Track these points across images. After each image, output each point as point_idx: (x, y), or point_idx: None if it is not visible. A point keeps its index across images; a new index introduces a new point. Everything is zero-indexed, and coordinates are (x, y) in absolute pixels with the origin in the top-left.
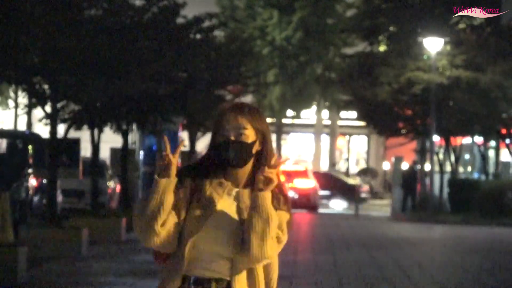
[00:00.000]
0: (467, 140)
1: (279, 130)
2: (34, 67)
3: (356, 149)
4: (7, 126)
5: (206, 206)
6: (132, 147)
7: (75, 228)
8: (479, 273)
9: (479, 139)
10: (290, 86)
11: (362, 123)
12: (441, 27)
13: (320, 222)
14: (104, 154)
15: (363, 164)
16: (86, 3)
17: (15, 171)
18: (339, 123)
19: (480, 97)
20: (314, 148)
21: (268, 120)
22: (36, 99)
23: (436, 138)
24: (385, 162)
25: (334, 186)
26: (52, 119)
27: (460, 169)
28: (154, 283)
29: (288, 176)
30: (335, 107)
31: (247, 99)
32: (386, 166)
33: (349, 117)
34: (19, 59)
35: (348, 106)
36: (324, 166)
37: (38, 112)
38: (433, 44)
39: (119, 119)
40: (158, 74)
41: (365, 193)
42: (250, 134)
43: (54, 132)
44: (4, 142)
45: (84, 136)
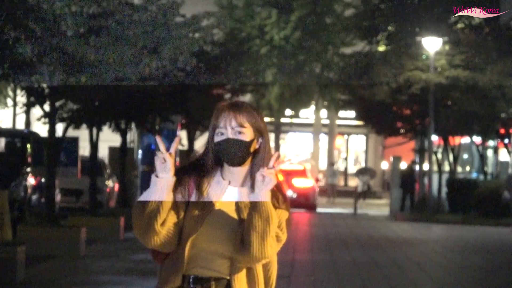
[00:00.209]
0: (465, 140)
1: (278, 130)
2: (33, 65)
3: (354, 148)
4: (6, 125)
5: (205, 205)
6: (130, 146)
7: (74, 227)
8: (478, 273)
9: (478, 139)
10: (288, 85)
11: (360, 122)
12: (439, 27)
13: (318, 221)
14: (103, 153)
15: (362, 163)
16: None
17: (13, 170)
18: (338, 122)
19: (478, 97)
20: (313, 147)
21: (266, 119)
22: (35, 97)
23: (435, 138)
24: (383, 161)
25: None
26: (51, 118)
27: (459, 169)
28: (152, 282)
29: (287, 175)
30: (334, 107)
31: (246, 98)
32: (385, 165)
33: (347, 116)
34: (17, 57)
35: (347, 105)
36: (323, 165)
37: (36, 111)
38: (431, 44)
39: (118, 118)
40: (157, 72)
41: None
42: (248, 133)
43: (52, 131)
44: (3, 140)
45: (82, 135)
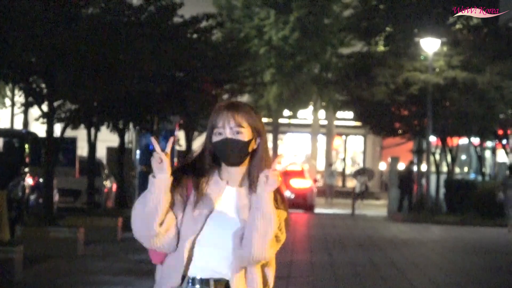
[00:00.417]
0: (463, 140)
1: (276, 130)
2: (31, 65)
3: (352, 149)
4: (4, 125)
5: (204, 205)
6: (128, 146)
7: (72, 227)
8: (476, 273)
9: (476, 140)
10: (287, 86)
11: (358, 123)
12: (438, 28)
13: (316, 222)
14: (101, 153)
15: (360, 164)
16: (83, 1)
17: (11, 170)
18: (336, 123)
19: (477, 98)
20: (311, 148)
21: (264, 120)
22: (33, 98)
23: (433, 139)
24: (381, 162)
25: None
26: (49, 118)
27: (457, 169)
28: (150, 282)
29: (285, 176)
30: (332, 107)
31: (244, 98)
32: (383, 166)
33: (345, 117)
34: (16, 58)
35: (345, 106)
36: (321, 166)
37: (34, 111)
38: (430, 45)
39: (116, 118)
40: (155, 73)
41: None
42: (246, 132)
43: (50, 131)
44: (1, 141)
45: (80, 135)
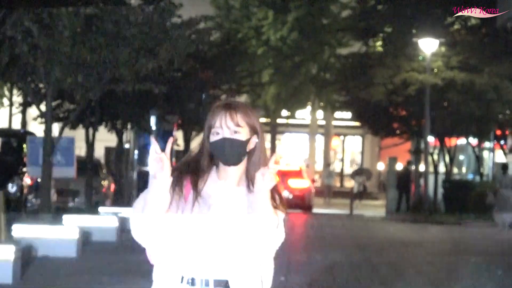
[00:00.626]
0: (461, 141)
1: (274, 130)
2: (29, 65)
3: (350, 149)
4: (2, 125)
5: (202, 204)
6: (126, 146)
7: (69, 227)
8: (474, 273)
9: (474, 140)
10: (285, 86)
11: (356, 123)
12: (436, 28)
13: (314, 222)
14: (99, 153)
15: (358, 164)
16: (81, 1)
17: (9, 170)
18: (334, 123)
19: (475, 98)
20: (309, 148)
21: (262, 120)
22: (31, 97)
23: (431, 139)
24: (379, 162)
25: None
26: (47, 117)
27: (455, 170)
28: (148, 283)
29: (283, 176)
30: (330, 108)
31: (242, 98)
32: (381, 166)
33: (343, 117)
34: (14, 57)
35: (343, 106)
36: (319, 166)
37: (33, 111)
38: (428, 45)
39: (114, 118)
40: (153, 73)
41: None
42: (244, 132)
43: (48, 130)
44: None
45: (78, 135)
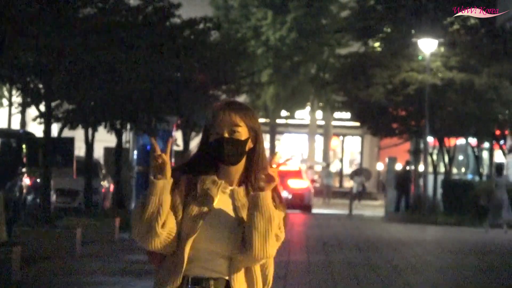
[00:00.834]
0: (461, 141)
1: (273, 130)
2: (29, 66)
3: (350, 149)
4: (1, 125)
5: (202, 204)
6: (126, 146)
7: (69, 228)
8: (473, 274)
9: (473, 140)
10: (284, 86)
11: (356, 123)
12: (435, 28)
13: (313, 222)
14: (98, 154)
15: (357, 164)
16: (80, 2)
17: (9, 170)
18: (333, 123)
19: (474, 98)
20: (308, 148)
21: (261, 120)
22: (30, 98)
23: (430, 139)
24: (379, 162)
25: None
26: (46, 118)
27: (454, 170)
28: (148, 283)
29: (282, 176)
30: (329, 108)
31: (241, 99)
32: (380, 166)
33: (343, 117)
34: (13, 58)
35: (342, 106)
36: (318, 166)
37: (32, 111)
38: (427, 45)
39: (113, 119)
40: (152, 73)
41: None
42: (243, 132)
43: (48, 131)
44: None
45: (78, 135)
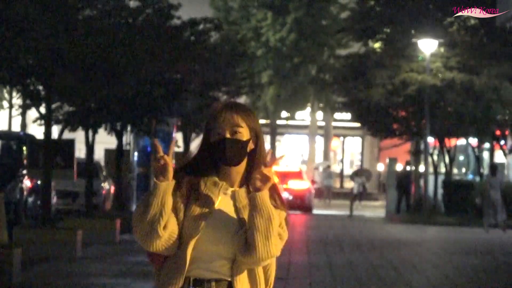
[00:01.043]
0: (461, 141)
1: (273, 132)
2: (29, 68)
3: (350, 150)
4: (2, 127)
5: (204, 206)
6: (126, 148)
7: (70, 229)
8: (474, 274)
9: (474, 141)
10: (284, 87)
11: (356, 124)
12: (435, 29)
13: (314, 223)
14: (99, 155)
15: (358, 165)
16: (80, 4)
17: (9, 172)
18: (334, 124)
19: (474, 99)
20: (309, 149)
21: (262, 121)
22: (31, 100)
23: (431, 140)
24: (379, 163)
25: None
26: (47, 120)
27: (454, 170)
28: (149, 285)
29: (283, 177)
30: (330, 109)
31: (241, 100)
32: (381, 167)
33: (343, 118)
34: (13, 60)
35: (343, 107)
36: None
37: (32, 113)
38: (427, 46)
39: (114, 120)
40: (152, 75)
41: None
42: (244, 133)
43: (48, 133)
44: None
45: (78, 137)
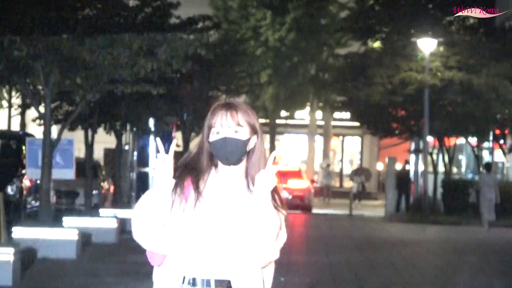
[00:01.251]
0: (460, 140)
1: (273, 131)
2: (28, 66)
3: (350, 149)
4: (1, 127)
5: (202, 205)
6: (126, 147)
7: (69, 229)
8: (473, 273)
9: (473, 140)
10: (283, 86)
11: (355, 123)
12: (434, 28)
13: (314, 222)
14: (98, 155)
15: (357, 164)
16: (80, 3)
17: (8, 172)
18: (333, 123)
19: (473, 98)
20: (308, 149)
21: (261, 120)
22: (30, 99)
23: (430, 139)
24: (378, 162)
25: None
26: (46, 119)
27: (454, 169)
28: (148, 284)
29: (282, 176)
30: (329, 108)
31: (240, 99)
32: (380, 166)
33: (342, 117)
34: (13, 59)
35: (342, 106)
36: (318, 166)
37: (32, 113)
38: (426, 45)
39: (113, 120)
40: (152, 74)
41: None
42: (244, 132)
43: (48, 132)
44: None
45: (78, 136)
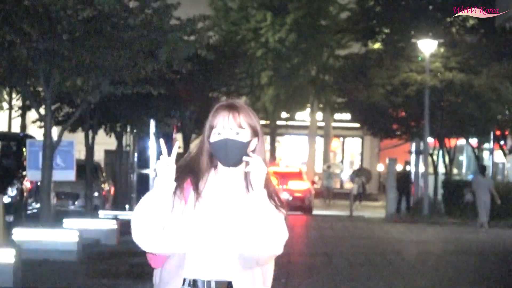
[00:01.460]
0: (461, 141)
1: (273, 132)
2: (28, 69)
3: (350, 151)
4: (1, 128)
5: (202, 206)
6: (126, 149)
7: (70, 231)
8: (474, 274)
9: (473, 141)
10: (284, 88)
11: (356, 125)
12: (434, 29)
13: (314, 223)
14: (98, 156)
15: (357, 165)
16: (80, 6)
17: (9, 173)
18: (333, 124)
19: (474, 99)
20: (308, 150)
21: (262, 122)
22: (31, 101)
23: (430, 140)
24: (379, 164)
25: None
26: (46, 121)
27: (454, 170)
28: (149, 285)
29: (283, 178)
30: (329, 109)
31: (241, 101)
32: (380, 167)
33: (343, 118)
34: (13, 61)
35: (342, 108)
36: (319, 168)
37: (32, 114)
38: (426, 46)
39: (113, 121)
40: (152, 76)
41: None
42: (245, 133)
43: (48, 134)
44: None
45: (78, 138)
